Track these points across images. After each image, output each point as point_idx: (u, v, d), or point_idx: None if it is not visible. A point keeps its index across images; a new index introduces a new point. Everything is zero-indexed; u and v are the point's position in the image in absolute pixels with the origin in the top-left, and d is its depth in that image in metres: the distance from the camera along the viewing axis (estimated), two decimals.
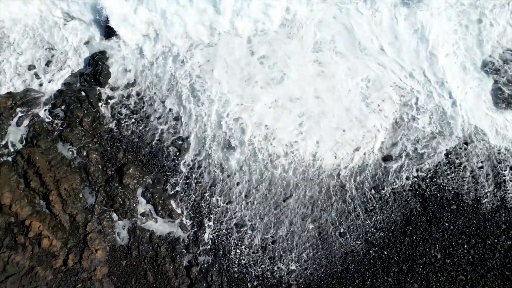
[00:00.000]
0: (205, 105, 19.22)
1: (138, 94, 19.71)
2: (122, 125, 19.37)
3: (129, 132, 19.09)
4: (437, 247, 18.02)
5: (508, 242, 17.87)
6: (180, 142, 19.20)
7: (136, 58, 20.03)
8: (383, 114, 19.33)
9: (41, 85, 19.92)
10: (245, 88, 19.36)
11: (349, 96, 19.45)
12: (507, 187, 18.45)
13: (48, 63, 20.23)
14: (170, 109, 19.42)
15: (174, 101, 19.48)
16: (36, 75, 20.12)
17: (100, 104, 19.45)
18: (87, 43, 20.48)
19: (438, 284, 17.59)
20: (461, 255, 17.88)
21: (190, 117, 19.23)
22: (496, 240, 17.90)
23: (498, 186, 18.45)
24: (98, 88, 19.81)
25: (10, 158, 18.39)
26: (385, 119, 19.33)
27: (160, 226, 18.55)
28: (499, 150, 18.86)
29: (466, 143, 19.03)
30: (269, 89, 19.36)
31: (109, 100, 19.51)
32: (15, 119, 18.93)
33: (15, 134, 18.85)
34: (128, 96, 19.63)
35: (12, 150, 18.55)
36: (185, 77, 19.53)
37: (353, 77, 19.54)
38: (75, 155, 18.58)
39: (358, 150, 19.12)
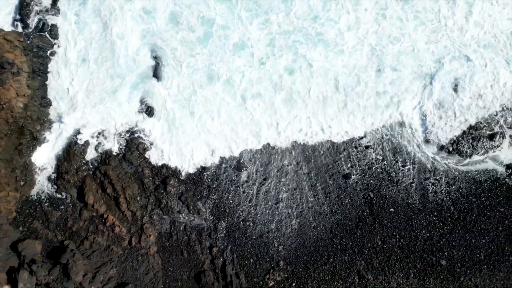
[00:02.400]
0: None
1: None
2: None
3: None
4: (379, 237, 26.58)
5: (427, 234, 26.38)
6: (206, 160, 27.87)
7: None
8: None
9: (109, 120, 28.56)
10: None
11: None
12: (428, 197, 26.90)
13: None
14: None
15: None
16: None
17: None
18: None
19: (378, 261, 26.19)
20: (395, 242, 26.43)
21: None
22: (418, 233, 26.42)
23: (422, 196, 26.92)
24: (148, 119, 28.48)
25: (91, 172, 27.20)
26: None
27: (191, 220, 27.25)
28: (426, 168, 27.25)
29: (403, 166, 27.48)
30: None
31: None
32: (93, 145, 27.67)
33: (92, 156, 27.61)
34: None
35: (92, 167, 27.34)
36: None
37: None
38: (134, 171, 27.33)
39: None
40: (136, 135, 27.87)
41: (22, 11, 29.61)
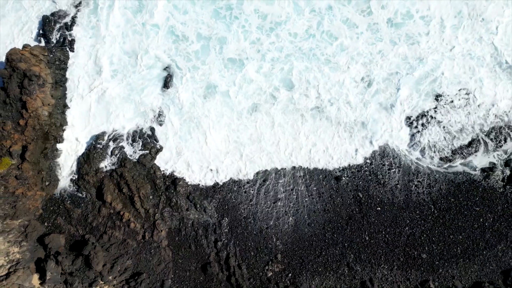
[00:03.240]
0: None
1: None
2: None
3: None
4: (366, 233, 29.59)
5: (410, 231, 29.36)
6: (210, 164, 30.89)
7: None
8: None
9: (123, 127, 31.61)
10: None
11: None
12: (412, 197, 29.89)
13: None
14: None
15: None
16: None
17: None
18: None
19: (365, 255, 29.21)
20: (380, 238, 29.43)
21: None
22: (402, 229, 29.41)
23: (406, 196, 29.91)
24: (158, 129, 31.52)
25: (108, 174, 30.25)
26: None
27: (198, 217, 30.28)
28: (410, 171, 30.22)
29: (389, 169, 30.48)
30: None
31: None
32: (110, 150, 30.73)
33: (110, 160, 30.67)
34: None
35: (109, 169, 30.38)
36: None
37: None
38: (147, 172, 30.37)
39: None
40: (148, 141, 30.90)
41: (45, 27, 32.67)
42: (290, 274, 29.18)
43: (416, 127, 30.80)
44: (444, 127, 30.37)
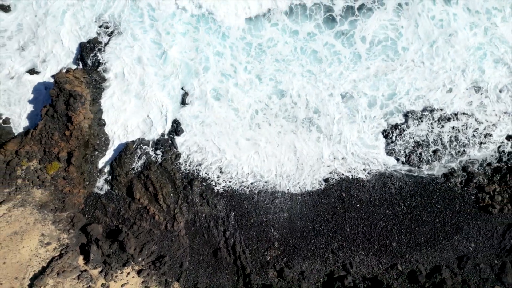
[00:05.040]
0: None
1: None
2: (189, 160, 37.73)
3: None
4: (348, 225, 36.10)
5: (383, 224, 35.86)
6: (220, 168, 37.48)
7: None
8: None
9: (148, 136, 38.20)
10: None
11: None
12: (386, 196, 36.36)
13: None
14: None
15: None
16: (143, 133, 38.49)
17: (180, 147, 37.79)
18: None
19: (346, 243, 35.76)
20: (359, 229, 35.93)
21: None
22: (377, 223, 35.90)
23: (381, 195, 36.38)
24: (177, 138, 38.11)
25: (137, 175, 36.87)
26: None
27: (210, 211, 36.85)
28: (385, 175, 36.67)
29: (368, 173, 36.94)
30: None
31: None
32: (138, 154, 37.35)
33: (137, 163, 37.30)
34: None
35: (137, 171, 37.00)
36: None
37: None
38: (168, 174, 36.96)
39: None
40: (169, 148, 37.51)
41: (83, 52, 39.24)
42: (285, 258, 35.78)
43: (390, 138, 37.22)
44: (413, 138, 36.78)
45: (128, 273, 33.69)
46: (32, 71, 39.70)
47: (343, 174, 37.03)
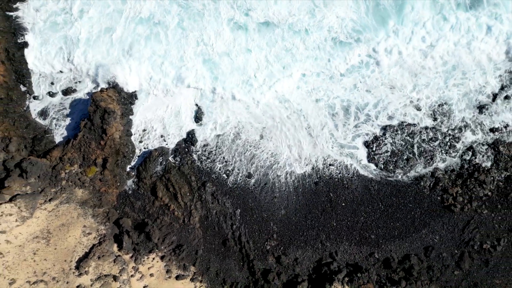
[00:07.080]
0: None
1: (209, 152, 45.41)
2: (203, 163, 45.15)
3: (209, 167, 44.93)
4: (334, 220, 43.44)
5: (364, 219, 43.17)
6: (228, 170, 44.87)
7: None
8: None
9: (167, 143, 45.56)
10: None
11: None
12: (366, 196, 43.62)
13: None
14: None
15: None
16: (164, 140, 45.83)
17: (194, 154, 45.17)
18: None
19: (333, 235, 43.12)
20: (344, 224, 43.27)
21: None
22: (358, 219, 43.21)
23: (362, 195, 43.64)
24: (192, 147, 45.48)
25: (159, 177, 44.26)
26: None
27: (219, 208, 44.22)
28: (366, 178, 43.93)
29: (352, 177, 44.22)
30: None
31: (197, 153, 45.33)
32: (159, 161, 44.73)
33: (159, 167, 44.66)
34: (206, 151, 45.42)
35: (158, 174, 44.37)
36: None
37: None
38: (185, 177, 44.33)
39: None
40: (186, 155, 44.91)
41: None
42: (282, 248, 43.18)
43: (371, 148, 44.48)
44: (390, 147, 44.05)
45: (153, 258, 41.20)
46: (68, 90, 47.00)
47: (331, 178, 44.34)
